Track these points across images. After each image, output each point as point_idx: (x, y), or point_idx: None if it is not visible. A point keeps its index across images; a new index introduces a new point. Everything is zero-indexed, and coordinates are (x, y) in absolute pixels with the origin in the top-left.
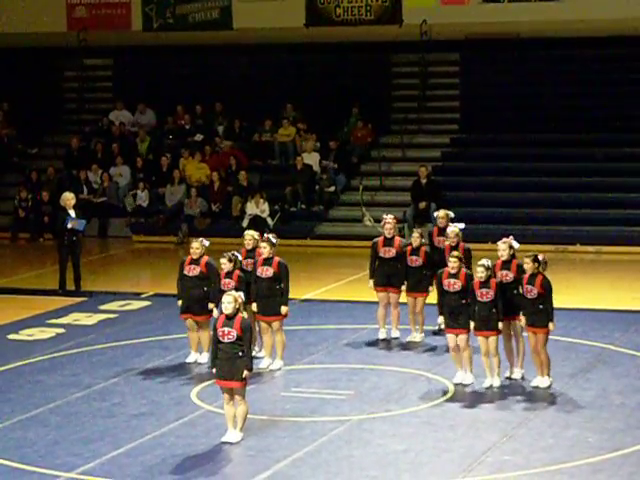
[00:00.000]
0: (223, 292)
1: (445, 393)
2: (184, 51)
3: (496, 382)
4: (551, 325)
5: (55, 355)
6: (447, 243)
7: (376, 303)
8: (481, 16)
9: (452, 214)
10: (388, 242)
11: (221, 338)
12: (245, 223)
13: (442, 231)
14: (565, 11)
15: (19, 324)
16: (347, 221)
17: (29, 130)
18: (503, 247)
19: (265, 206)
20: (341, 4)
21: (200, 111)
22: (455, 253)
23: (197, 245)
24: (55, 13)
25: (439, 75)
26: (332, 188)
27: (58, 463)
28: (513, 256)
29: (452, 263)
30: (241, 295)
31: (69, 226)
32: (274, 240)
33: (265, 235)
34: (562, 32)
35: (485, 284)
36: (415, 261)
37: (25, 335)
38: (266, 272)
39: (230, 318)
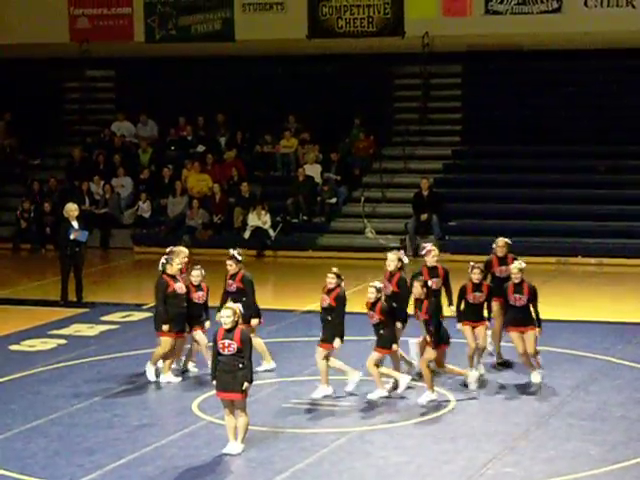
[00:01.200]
0: (194, 305)
1: (446, 405)
2: (186, 63)
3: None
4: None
5: (56, 366)
6: (510, 282)
7: None
8: (483, 28)
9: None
10: (433, 272)
11: (221, 350)
12: (247, 234)
13: (501, 260)
14: (567, 23)
15: (21, 335)
16: (349, 233)
17: (31, 141)
18: (392, 258)
19: (267, 217)
20: (343, 16)
21: (202, 122)
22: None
23: (181, 260)
24: (57, 24)
25: (441, 87)
26: (334, 200)
27: (59, 474)
28: (400, 268)
29: (329, 278)
30: (239, 307)
31: (72, 237)
32: (239, 257)
33: (231, 251)
34: (564, 44)
35: (373, 306)
36: (479, 298)
37: (27, 346)
38: (230, 287)
39: (230, 330)
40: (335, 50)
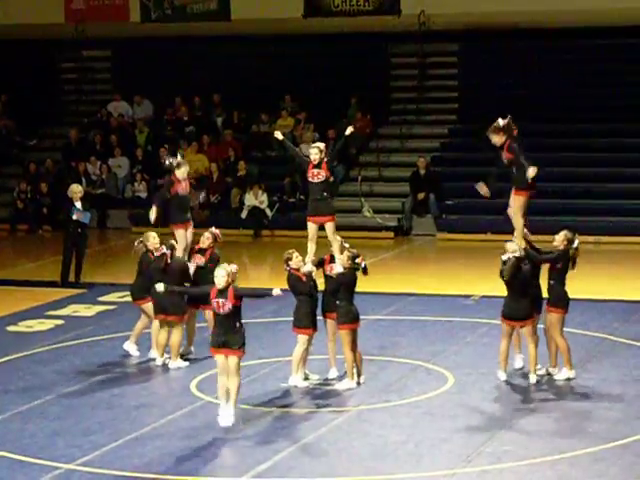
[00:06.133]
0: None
1: (444, 384)
2: (182, 42)
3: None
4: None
5: (54, 347)
6: None
7: (373, 294)
8: (480, 6)
9: None
10: None
11: (216, 309)
12: (244, 214)
13: None
14: (564, 1)
15: (18, 316)
16: (346, 212)
17: (27, 122)
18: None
19: (264, 197)
20: None
21: (198, 102)
22: None
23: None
24: (53, 4)
25: (438, 66)
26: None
27: (58, 454)
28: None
29: None
30: (232, 268)
31: (74, 217)
32: (218, 238)
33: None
34: (561, 22)
35: (318, 165)
36: None
37: (24, 327)
38: (199, 260)
39: (222, 291)
40: (331, 29)
